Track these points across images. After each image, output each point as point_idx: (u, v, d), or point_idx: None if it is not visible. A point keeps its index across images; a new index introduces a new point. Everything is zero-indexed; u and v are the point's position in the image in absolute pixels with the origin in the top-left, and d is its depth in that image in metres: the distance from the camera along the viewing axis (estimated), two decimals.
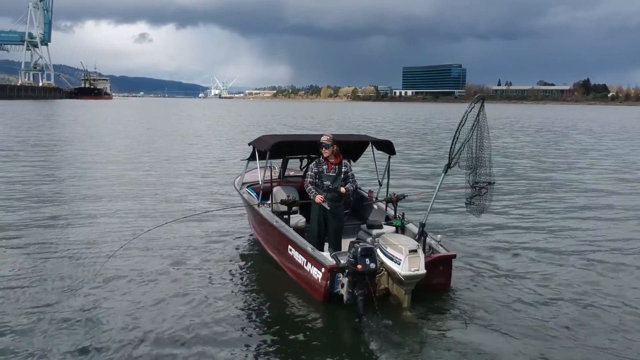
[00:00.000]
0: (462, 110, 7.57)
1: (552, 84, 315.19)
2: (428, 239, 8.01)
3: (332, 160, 8.37)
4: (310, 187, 8.33)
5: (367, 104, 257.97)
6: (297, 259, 7.91)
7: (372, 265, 6.74)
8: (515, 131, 49.88)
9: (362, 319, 6.73)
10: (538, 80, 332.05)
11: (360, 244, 6.94)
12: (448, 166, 7.84)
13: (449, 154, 7.76)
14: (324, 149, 8.35)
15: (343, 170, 8.39)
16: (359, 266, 6.66)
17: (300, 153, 10.67)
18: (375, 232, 8.50)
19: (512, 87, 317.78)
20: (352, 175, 8.50)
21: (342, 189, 8.27)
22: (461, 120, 7.50)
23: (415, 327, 6.70)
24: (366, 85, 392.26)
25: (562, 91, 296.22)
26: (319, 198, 8.15)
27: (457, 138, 7.56)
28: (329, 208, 8.16)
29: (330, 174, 8.30)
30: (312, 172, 8.42)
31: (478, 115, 7.47)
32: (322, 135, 8.61)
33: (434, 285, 7.63)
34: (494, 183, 7.78)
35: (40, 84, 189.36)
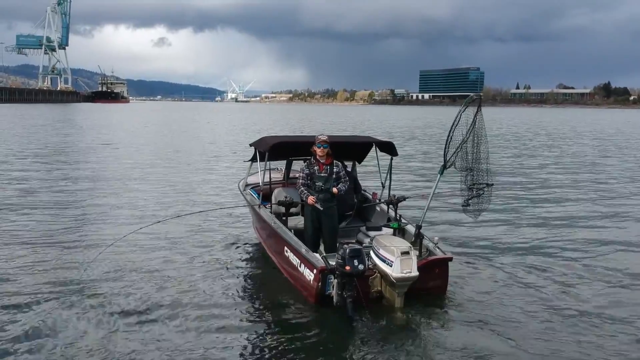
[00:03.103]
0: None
1: (572, 87, 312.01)
2: (425, 241, 7.90)
3: (323, 161, 8.29)
4: (302, 188, 8.26)
5: (383, 107, 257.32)
6: (292, 260, 7.87)
7: (361, 267, 6.61)
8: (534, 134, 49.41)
9: (351, 321, 6.64)
10: (557, 83, 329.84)
11: (349, 245, 6.83)
12: (444, 167, 7.74)
13: (444, 155, 7.65)
14: (321, 148, 8.25)
15: (335, 170, 8.31)
16: (347, 267, 6.55)
17: (301, 154, 10.60)
18: (373, 234, 8.42)
19: (530, 91, 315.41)
20: (344, 175, 8.40)
21: (334, 190, 8.19)
22: (454, 121, 7.38)
23: (407, 330, 6.59)
24: (383, 89, 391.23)
25: (582, 94, 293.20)
26: (311, 199, 8.07)
27: (451, 139, 7.44)
28: (321, 209, 8.08)
29: (322, 174, 8.23)
30: (303, 173, 8.35)
31: (475, 116, 7.35)
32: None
33: (430, 288, 7.52)
34: (493, 185, 7.67)
35: (59, 88, 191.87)
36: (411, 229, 8.36)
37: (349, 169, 10.36)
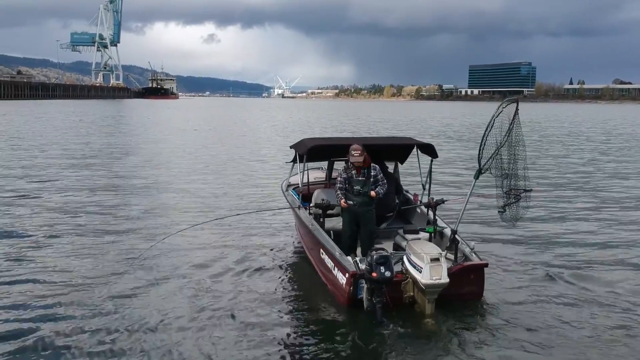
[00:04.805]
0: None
1: (629, 83, 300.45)
2: (461, 246, 7.80)
3: (360, 165, 8.26)
4: (338, 192, 8.30)
5: (430, 103, 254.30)
6: (327, 262, 7.94)
7: (388, 274, 6.58)
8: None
9: (381, 326, 6.64)
10: (614, 78, 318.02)
11: (378, 251, 6.81)
12: (479, 172, 7.61)
13: (479, 159, 7.51)
14: (355, 162, 8.19)
15: (372, 174, 8.28)
16: (374, 274, 6.55)
17: (340, 155, 10.63)
18: (410, 237, 8.34)
19: (585, 86, 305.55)
20: (382, 178, 8.37)
21: (372, 193, 8.17)
22: (489, 124, 7.24)
23: (437, 337, 6.51)
24: (430, 84, 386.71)
25: None
26: (343, 202, 8.11)
27: (485, 143, 7.30)
28: (356, 206, 8.09)
29: (360, 178, 8.22)
30: (341, 177, 8.38)
31: (514, 119, 7.18)
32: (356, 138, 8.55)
33: (465, 295, 7.41)
34: (531, 190, 7.49)
35: (111, 84, 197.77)
36: (449, 233, 8.25)
37: (391, 170, 10.33)
